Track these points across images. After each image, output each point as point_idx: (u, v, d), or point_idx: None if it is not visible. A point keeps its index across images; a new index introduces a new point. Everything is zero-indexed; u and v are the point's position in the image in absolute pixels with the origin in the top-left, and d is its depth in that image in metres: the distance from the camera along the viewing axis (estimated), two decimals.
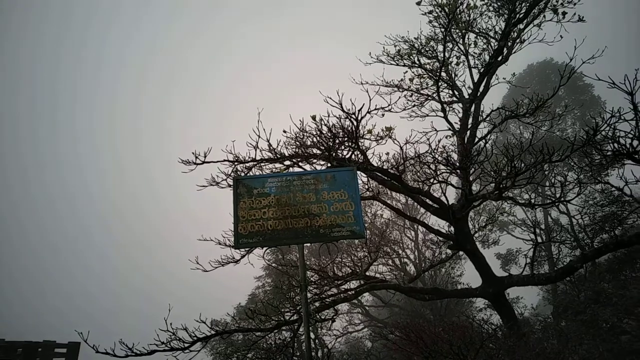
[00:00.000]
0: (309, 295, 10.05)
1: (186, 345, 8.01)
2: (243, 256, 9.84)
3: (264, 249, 9.35)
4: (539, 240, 12.74)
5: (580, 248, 20.35)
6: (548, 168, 11.68)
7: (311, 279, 10.98)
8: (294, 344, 9.10)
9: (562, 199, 10.05)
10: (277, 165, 10.18)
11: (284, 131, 9.94)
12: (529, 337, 10.00)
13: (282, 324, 9.07)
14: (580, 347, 10.91)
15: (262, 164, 10.07)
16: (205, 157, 9.42)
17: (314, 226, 5.48)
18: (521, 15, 11.27)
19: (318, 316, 9.82)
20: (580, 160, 11.50)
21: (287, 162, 10.23)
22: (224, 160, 9.65)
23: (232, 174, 9.65)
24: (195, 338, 8.11)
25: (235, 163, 9.78)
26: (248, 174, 9.74)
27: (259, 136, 9.19)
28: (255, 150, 9.50)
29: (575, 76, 12.59)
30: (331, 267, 12.84)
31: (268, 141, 9.40)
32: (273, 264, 18.81)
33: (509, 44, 11.52)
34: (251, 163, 9.88)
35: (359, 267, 12.01)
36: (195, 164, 9.48)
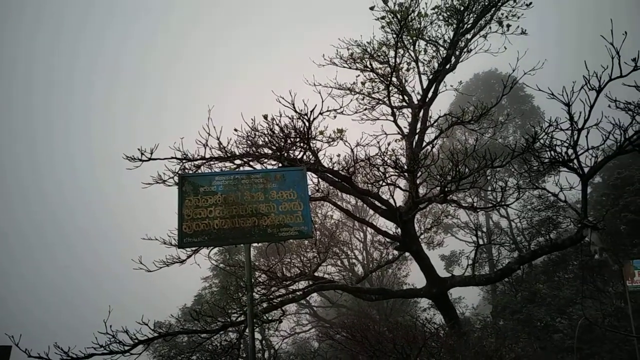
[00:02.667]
0: (256, 296, 9.95)
1: (127, 348, 7.73)
2: (189, 256, 9.59)
3: (210, 248, 9.17)
4: (480, 242, 13.26)
5: (518, 250, 21.41)
6: (490, 173, 12.17)
7: (259, 279, 10.88)
8: (240, 345, 8.97)
9: (503, 203, 10.52)
10: (227, 164, 10.00)
11: (235, 130, 9.79)
12: (469, 335, 10.38)
13: (228, 325, 8.93)
14: (517, 345, 11.44)
15: (211, 163, 9.85)
16: (151, 153, 9.09)
17: (262, 226, 5.41)
18: (469, 26, 11.70)
19: (265, 317, 9.73)
20: (520, 167, 12.08)
21: (238, 161, 10.07)
22: (172, 158, 9.34)
23: (180, 172, 9.37)
24: (136, 341, 7.84)
25: (184, 161, 9.51)
26: (196, 172, 9.50)
27: (209, 134, 8.99)
28: (205, 148, 9.28)
29: (517, 87, 13.21)
30: (280, 267, 12.78)
31: (218, 139, 9.21)
32: (220, 265, 18.49)
33: (457, 52, 11.92)
34: (200, 161, 9.65)
35: (308, 267, 12.03)
36: (140, 160, 9.12)
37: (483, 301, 30.67)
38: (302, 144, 9.78)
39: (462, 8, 11.36)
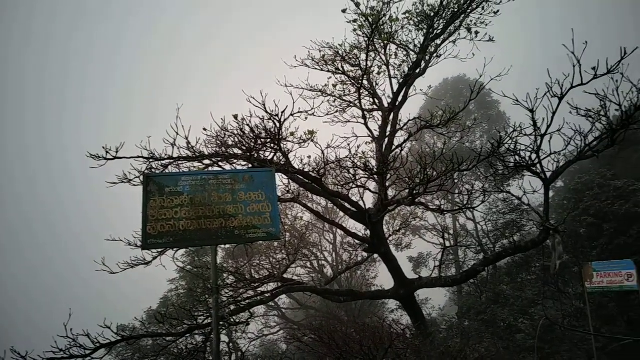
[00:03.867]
0: (224, 298, 9.83)
1: (87, 352, 7.51)
2: (155, 258, 9.39)
3: (176, 250, 8.99)
4: (447, 244, 13.50)
5: (483, 252, 21.86)
6: (457, 177, 12.41)
7: (227, 281, 10.75)
8: (206, 348, 8.83)
9: (469, 206, 10.74)
10: (196, 164, 9.84)
11: (204, 129, 9.65)
12: (435, 336, 10.54)
13: (194, 328, 8.79)
14: (481, 345, 11.68)
15: (179, 162, 9.68)
16: (117, 152, 8.86)
17: (229, 227, 5.34)
18: (439, 32, 11.90)
19: (232, 319, 9.61)
20: (486, 171, 12.36)
21: (207, 162, 9.93)
22: (138, 157, 9.13)
23: (147, 172, 9.15)
24: (98, 344, 7.63)
25: (150, 160, 9.30)
26: (163, 172, 9.30)
27: (177, 133, 8.81)
28: (173, 147, 9.09)
29: (484, 92, 13.53)
30: (248, 269, 12.67)
31: (187, 138, 9.05)
32: (188, 267, 18.18)
33: (427, 57, 12.10)
34: (167, 161, 9.46)
35: (277, 269, 11.97)
36: (105, 159, 8.88)
37: (449, 302, 31.17)
38: (272, 145, 9.73)
39: (432, 14, 11.55)
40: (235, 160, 10.09)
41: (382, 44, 12.09)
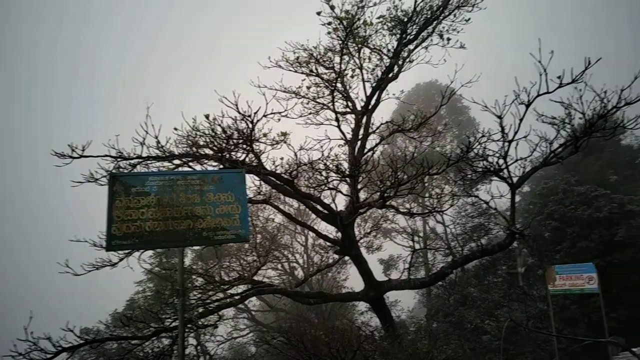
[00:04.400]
0: (192, 300, 9.67)
1: (49, 356, 7.27)
2: (121, 259, 9.14)
3: (142, 251, 8.77)
4: (417, 247, 13.67)
5: (451, 255, 22.24)
6: (427, 180, 12.59)
7: (195, 283, 10.59)
8: (172, 351, 8.66)
9: (438, 209, 10.91)
10: (166, 164, 9.64)
11: (175, 128, 9.47)
12: (404, 338, 10.63)
13: (161, 331, 8.61)
14: (448, 347, 11.87)
15: (148, 162, 9.45)
16: (83, 150, 8.59)
17: (197, 229, 5.23)
18: (412, 37, 12.05)
19: (200, 322, 9.46)
20: (456, 175, 12.59)
21: (177, 162, 9.75)
22: (105, 156, 8.86)
23: (113, 171, 8.91)
24: (59, 348, 7.39)
25: (118, 159, 9.05)
26: (130, 172, 9.07)
27: (147, 132, 8.60)
28: (142, 146, 8.87)
29: (455, 98, 13.77)
30: (218, 271, 12.51)
31: (156, 137, 8.85)
32: (156, 268, 17.80)
33: (400, 62, 12.23)
34: (136, 160, 9.23)
35: (248, 271, 11.86)
36: (71, 157, 8.59)
37: (418, 304, 31.53)
38: (244, 146, 9.64)
39: (405, 19, 11.68)
40: (206, 161, 9.94)
41: (356, 48, 12.15)
